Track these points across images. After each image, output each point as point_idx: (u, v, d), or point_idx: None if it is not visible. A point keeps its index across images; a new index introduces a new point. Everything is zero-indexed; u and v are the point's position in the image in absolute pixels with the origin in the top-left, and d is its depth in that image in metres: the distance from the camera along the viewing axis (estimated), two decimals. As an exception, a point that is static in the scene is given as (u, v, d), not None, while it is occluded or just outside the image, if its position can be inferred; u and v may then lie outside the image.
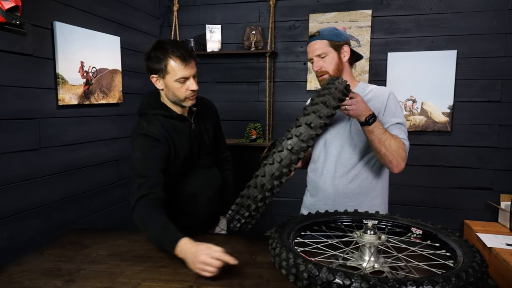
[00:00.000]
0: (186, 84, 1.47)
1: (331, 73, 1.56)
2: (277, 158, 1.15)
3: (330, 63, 1.56)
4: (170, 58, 1.44)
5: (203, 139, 1.65)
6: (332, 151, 1.60)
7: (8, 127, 1.74)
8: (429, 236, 1.25)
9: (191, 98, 1.51)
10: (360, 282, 0.86)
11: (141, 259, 1.30)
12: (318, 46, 1.56)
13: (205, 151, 1.66)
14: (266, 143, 2.87)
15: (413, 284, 0.85)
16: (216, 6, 3.01)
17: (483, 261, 1.00)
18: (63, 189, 2.08)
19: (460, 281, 0.87)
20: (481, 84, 2.59)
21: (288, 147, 1.15)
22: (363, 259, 1.14)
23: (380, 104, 1.54)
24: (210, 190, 1.69)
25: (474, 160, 2.65)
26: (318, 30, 1.59)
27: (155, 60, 1.46)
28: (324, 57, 1.55)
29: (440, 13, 2.61)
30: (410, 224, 1.32)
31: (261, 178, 1.17)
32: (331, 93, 1.22)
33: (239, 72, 3.03)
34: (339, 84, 1.27)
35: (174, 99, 1.51)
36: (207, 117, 1.71)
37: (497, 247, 2.14)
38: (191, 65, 1.47)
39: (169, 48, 1.44)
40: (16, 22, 1.68)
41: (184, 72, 1.45)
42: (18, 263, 1.28)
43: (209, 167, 1.72)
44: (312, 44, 1.58)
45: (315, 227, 1.38)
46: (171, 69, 1.45)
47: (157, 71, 1.47)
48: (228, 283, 1.12)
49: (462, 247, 1.10)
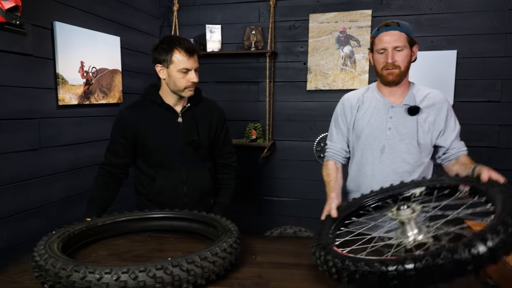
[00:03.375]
0: (187, 75, 1.60)
1: (402, 70, 1.48)
2: None
3: (404, 59, 1.47)
4: (176, 49, 1.58)
5: (190, 134, 1.69)
6: (390, 160, 1.54)
7: (8, 127, 1.74)
8: (477, 191, 1.19)
9: (190, 89, 1.64)
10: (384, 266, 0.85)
11: (141, 259, 1.30)
12: (398, 38, 1.45)
13: (191, 146, 1.70)
14: (266, 143, 2.87)
15: (465, 246, 0.79)
16: (216, 6, 3.01)
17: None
18: (63, 189, 2.08)
19: (508, 228, 0.81)
20: (481, 84, 2.59)
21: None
22: (405, 235, 1.08)
23: (441, 112, 1.53)
24: (193, 188, 1.74)
25: (474, 160, 2.64)
26: (397, 21, 1.48)
27: (162, 51, 1.60)
28: (400, 50, 1.46)
29: (440, 13, 2.61)
30: (457, 183, 1.25)
31: None
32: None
33: (239, 72, 3.03)
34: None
35: (174, 88, 1.63)
36: (206, 117, 1.75)
37: (497, 247, 2.13)
38: (194, 58, 1.61)
39: (176, 41, 1.59)
40: (16, 22, 1.68)
41: (187, 63, 1.58)
42: (19, 263, 1.28)
43: (197, 165, 1.75)
44: (390, 33, 1.45)
45: (361, 211, 1.33)
46: (176, 60, 1.58)
47: (162, 61, 1.61)
48: (228, 283, 1.12)
49: (505, 197, 1.01)
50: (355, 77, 2.76)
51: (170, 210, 1.57)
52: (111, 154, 1.72)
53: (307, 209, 2.93)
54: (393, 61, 1.46)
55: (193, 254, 1.05)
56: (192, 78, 1.61)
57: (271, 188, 3.03)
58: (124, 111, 1.71)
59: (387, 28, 1.48)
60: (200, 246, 1.29)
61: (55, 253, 1.07)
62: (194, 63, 1.61)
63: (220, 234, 1.25)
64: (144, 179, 1.75)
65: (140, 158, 1.75)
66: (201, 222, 1.45)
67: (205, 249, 1.09)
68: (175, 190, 1.72)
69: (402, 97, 1.57)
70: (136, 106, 1.73)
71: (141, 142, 1.69)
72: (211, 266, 1.06)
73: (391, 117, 1.55)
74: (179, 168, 1.71)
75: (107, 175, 1.73)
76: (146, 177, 1.74)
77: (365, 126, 1.59)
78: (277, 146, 3.01)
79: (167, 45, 1.59)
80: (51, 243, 1.15)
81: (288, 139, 2.98)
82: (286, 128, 2.98)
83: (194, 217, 1.48)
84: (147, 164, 1.73)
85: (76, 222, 1.40)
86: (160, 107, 1.68)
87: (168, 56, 1.59)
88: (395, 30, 1.46)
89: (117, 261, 1.28)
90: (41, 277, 1.03)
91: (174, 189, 1.72)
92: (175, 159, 1.70)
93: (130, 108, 1.72)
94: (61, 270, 0.98)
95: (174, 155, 1.70)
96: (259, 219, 3.03)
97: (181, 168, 1.71)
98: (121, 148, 1.70)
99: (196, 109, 1.75)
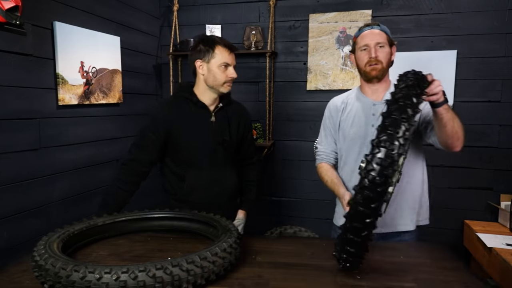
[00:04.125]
0: (227, 70, 1.67)
1: (384, 66, 1.55)
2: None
3: (386, 55, 1.56)
4: (218, 45, 1.66)
5: (222, 134, 1.73)
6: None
7: (8, 127, 1.74)
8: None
9: (228, 84, 1.69)
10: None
11: (141, 259, 1.30)
12: (379, 35, 1.55)
13: (222, 145, 1.73)
14: (266, 143, 2.87)
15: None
16: (216, 6, 3.01)
17: None
18: (63, 189, 2.08)
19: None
20: (481, 84, 2.59)
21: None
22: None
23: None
24: (223, 188, 1.76)
25: (474, 160, 2.65)
26: (377, 22, 1.60)
27: (203, 47, 1.66)
28: (382, 47, 1.54)
29: (440, 13, 2.61)
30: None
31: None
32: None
33: (239, 72, 2.99)
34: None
35: (214, 83, 1.67)
36: (236, 118, 1.80)
37: (497, 247, 2.14)
38: (233, 55, 1.70)
39: (217, 38, 1.71)
40: (16, 22, 1.68)
41: (228, 58, 1.66)
42: (19, 263, 1.28)
43: (226, 165, 1.77)
44: (372, 31, 1.56)
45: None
46: (217, 54, 1.65)
47: (203, 57, 1.66)
48: (228, 283, 1.12)
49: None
50: (355, 77, 2.76)
51: (170, 210, 1.57)
52: (139, 149, 1.68)
53: (307, 209, 2.93)
54: (376, 55, 1.54)
55: (193, 254, 1.05)
56: (231, 73, 1.67)
57: (271, 188, 3.03)
58: (158, 107, 1.73)
59: (369, 27, 1.58)
60: (200, 246, 1.29)
61: (55, 253, 1.07)
62: (233, 59, 1.69)
63: (220, 234, 1.25)
64: (172, 178, 1.75)
65: (169, 156, 1.74)
66: (201, 222, 1.45)
67: (205, 249, 1.09)
68: (205, 190, 1.72)
69: (383, 94, 1.62)
70: (170, 103, 1.74)
71: (173, 139, 1.68)
72: (211, 266, 1.06)
73: (373, 114, 1.60)
74: (209, 168, 1.72)
75: (130, 174, 1.67)
76: (174, 176, 1.74)
77: (350, 126, 1.66)
78: (277, 146, 3.01)
79: (209, 41, 1.67)
80: (51, 243, 1.15)
81: (288, 139, 2.98)
82: (286, 128, 2.98)
83: (194, 217, 1.48)
84: (175, 163, 1.73)
85: (76, 222, 1.40)
86: (195, 105, 1.70)
87: (209, 51, 1.65)
88: (377, 28, 1.57)
89: (117, 261, 1.28)
90: (41, 277, 1.03)
91: (204, 189, 1.72)
92: (205, 158, 1.71)
93: (165, 104, 1.74)
94: (61, 270, 0.98)
95: (205, 154, 1.71)
96: (259, 219, 3.03)
97: (211, 168, 1.72)
98: (151, 143, 1.68)
99: (228, 109, 1.78)
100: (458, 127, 1.39)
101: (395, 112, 1.06)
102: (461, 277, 1.18)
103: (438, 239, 2.70)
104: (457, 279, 1.16)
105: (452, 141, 1.41)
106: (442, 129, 1.39)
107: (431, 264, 1.28)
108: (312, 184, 2.89)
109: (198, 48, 1.67)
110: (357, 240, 1.07)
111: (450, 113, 1.35)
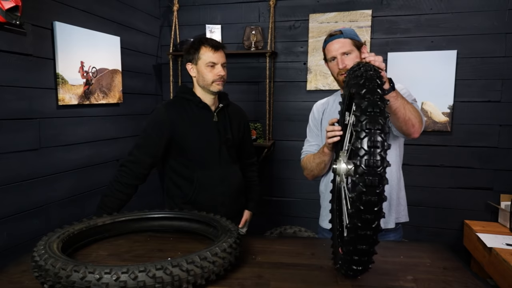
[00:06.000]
0: (214, 69, 1.69)
1: None
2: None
3: (354, 61, 1.54)
4: (202, 45, 1.70)
5: (225, 133, 1.77)
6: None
7: (8, 127, 1.74)
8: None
9: (217, 83, 1.70)
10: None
11: (141, 259, 1.30)
12: (343, 44, 1.55)
13: (226, 144, 1.76)
14: (266, 143, 2.87)
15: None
16: (216, 6, 3.01)
17: None
18: (63, 189, 2.08)
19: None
20: (481, 84, 2.59)
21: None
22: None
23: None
24: (231, 187, 1.79)
25: (474, 160, 2.65)
26: (340, 29, 1.59)
27: (191, 50, 1.72)
28: (348, 54, 1.55)
29: (440, 13, 2.61)
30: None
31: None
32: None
33: (239, 72, 3.03)
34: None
35: (203, 83, 1.71)
36: (235, 118, 1.85)
37: (497, 247, 2.14)
38: (220, 53, 1.71)
39: (203, 39, 1.73)
40: (16, 22, 1.68)
41: (213, 57, 1.69)
42: (18, 263, 1.28)
43: (231, 164, 1.81)
44: (335, 42, 1.57)
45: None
46: (203, 54, 1.69)
47: (192, 59, 1.72)
48: (228, 283, 1.12)
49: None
50: (355, 77, 2.76)
51: (170, 210, 1.57)
52: (140, 151, 1.68)
53: (307, 209, 2.93)
54: (344, 66, 1.56)
55: (193, 254, 1.05)
56: (218, 71, 1.69)
57: (271, 188, 3.03)
58: (161, 108, 1.74)
59: (332, 38, 1.58)
60: (200, 246, 1.29)
61: (55, 253, 1.07)
62: (220, 57, 1.71)
63: (220, 234, 1.25)
64: (179, 180, 1.75)
65: (175, 158, 1.75)
66: (201, 222, 1.45)
67: (205, 249, 1.09)
68: (214, 190, 1.74)
69: None
70: (173, 104, 1.76)
71: (179, 141, 1.70)
72: (211, 266, 1.06)
73: None
74: (217, 168, 1.75)
75: (129, 176, 1.66)
76: (181, 179, 1.74)
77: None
78: (277, 146, 3.01)
79: (195, 43, 1.72)
80: (51, 243, 1.15)
81: (288, 139, 2.98)
82: (286, 128, 2.98)
83: (194, 217, 1.48)
84: (183, 165, 1.74)
85: (76, 222, 1.40)
86: (197, 106, 1.73)
87: (196, 53, 1.70)
88: (339, 38, 1.57)
89: (117, 261, 1.27)
90: (41, 277, 1.03)
91: (213, 189, 1.74)
92: (212, 158, 1.74)
93: (168, 106, 1.75)
94: (60, 270, 0.97)
95: (212, 154, 1.74)
96: (259, 219, 3.03)
97: (218, 168, 1.75)
98: (153, 145, 1.69)
99: (228, 109, 1.84)
100: (410, 114, 1.39)
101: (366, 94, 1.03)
102: (461, 277, 1.18)
103: (438, 239, 2.72)
104: (457, 279, 1.16)
105: (407, 127, 1.43)
106: (393, 116, 1.41)
107: (431, 264, 1.28)
108: (312, 184, 2.88)
109: (188, 52, 1.74)
110: (369, 234, 1.04)
111: (399, 100, 1.37)
